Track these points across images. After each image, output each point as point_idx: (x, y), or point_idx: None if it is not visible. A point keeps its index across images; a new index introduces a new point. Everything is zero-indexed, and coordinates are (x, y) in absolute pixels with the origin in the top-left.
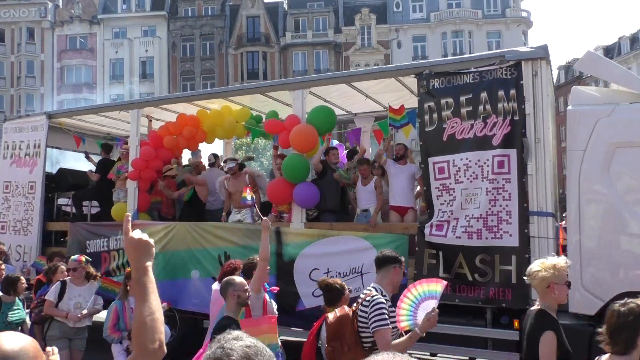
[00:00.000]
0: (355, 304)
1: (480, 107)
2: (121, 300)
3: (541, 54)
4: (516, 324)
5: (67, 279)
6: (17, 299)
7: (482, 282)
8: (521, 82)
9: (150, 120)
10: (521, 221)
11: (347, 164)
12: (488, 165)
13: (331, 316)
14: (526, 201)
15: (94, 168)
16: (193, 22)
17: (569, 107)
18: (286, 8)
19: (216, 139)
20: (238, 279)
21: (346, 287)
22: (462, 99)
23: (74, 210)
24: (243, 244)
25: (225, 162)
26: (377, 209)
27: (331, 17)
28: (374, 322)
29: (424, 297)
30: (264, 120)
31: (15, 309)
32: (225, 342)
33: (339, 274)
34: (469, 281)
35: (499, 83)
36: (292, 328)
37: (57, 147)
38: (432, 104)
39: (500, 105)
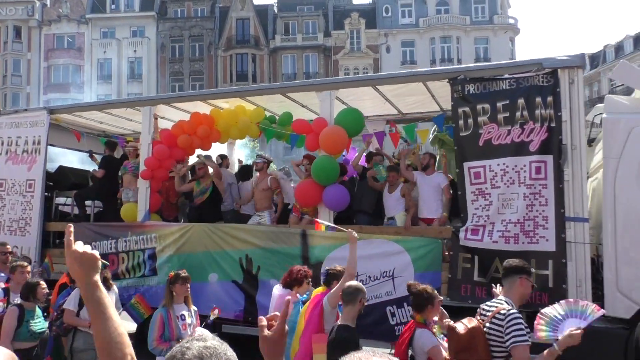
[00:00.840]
0: (478, 316)
1: (518, 114)
2: (166, 307)
3: (577, 63)
4: None
5: None
6: (36, 306)
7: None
8: (558, 89)
9: (155, 119)
10: (558, 226)
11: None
12: (525, 171)
13: (461, 327)
14: (563, 207)
15: (95, 167)
16: (182, 23)
17: (604, 116)
18: (276, 11)
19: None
20: (362, 286)
21: (437, 295)
22: (499, 104)
23: (75, 210)
24: (266, 246)
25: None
26: (410, 213)
27: (321, 21)
28: (513, 337)
29: (573, 314)
30: (276, 121)
31: (37, 318)
32: (187, 341)
33: (370, 277)
34: None
35: (536, 90)
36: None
37: (51, 144)
38: (467, 109)
39: (537, 112)
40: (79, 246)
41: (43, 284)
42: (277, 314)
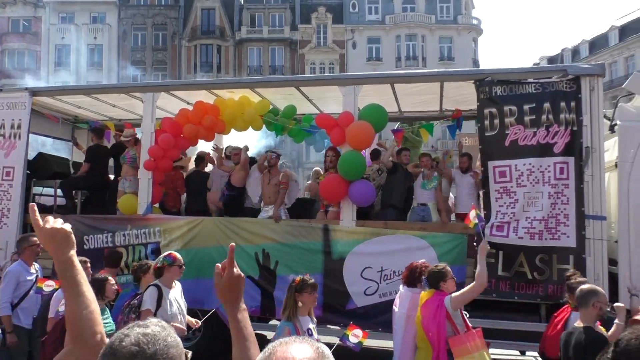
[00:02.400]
0: None
1: (544, 116)
2: (292, 321)
3: (598, 71)
4: None
5: (156, 281)
6: (105, 305)
7: (541, 280)
8: (580, 95)
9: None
10: (578, 224)
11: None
12: (550, 171)
13: None
14: (583, 205)
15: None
16: (145, 11)
17: (619, 123)
18: (242, 2)
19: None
20: (600, 289)
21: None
22: (526, 107)
23: (62, 202)
24: (284, 241)
25: (267, 152)
26: (444, 208)
27: (287, 14)
28: None
29: None
30: (279, 114)
31: (105, 318)
32: (128, 328)
33: (394, 272)
34: (528, 279)
35: (560, 95)
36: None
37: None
38: (494, 110)
39: (562, 116)
40: (49, 222)
41: (112, 280)
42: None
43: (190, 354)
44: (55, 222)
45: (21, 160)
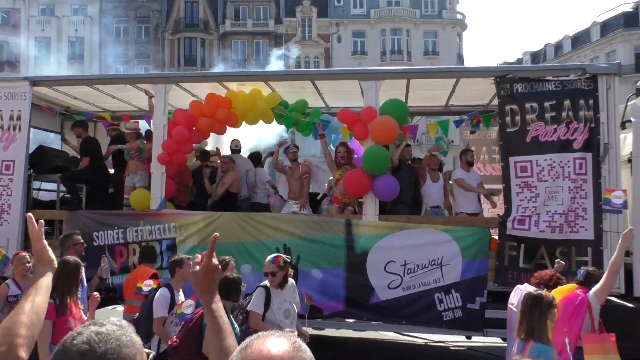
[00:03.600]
0: None
1: (564, 113)
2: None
3: (614, 70)
4: None
5: (265, 282)
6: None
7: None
8: (597, 93)
9: (150, 97)
10: (596, 217)
11: None
12: (569, 167)
13: None
14: (600, 199)
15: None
16: (127, 4)
17: (634, 120)
18: None
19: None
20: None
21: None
22: (546, 104)
23: (67, 196)
24: (306, 236)
25: (288, 147)
26: (452, 203)
27: (272, 7)
28: None
29: None
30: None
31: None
32: (84, 326)
33: (418, 266)
34: None
35: (579, 93)
36: (365, 321)
37: None
38: (515, 106)
39: (581, 113)
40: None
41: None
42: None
43: (152, 354)
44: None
45: (22, 153)
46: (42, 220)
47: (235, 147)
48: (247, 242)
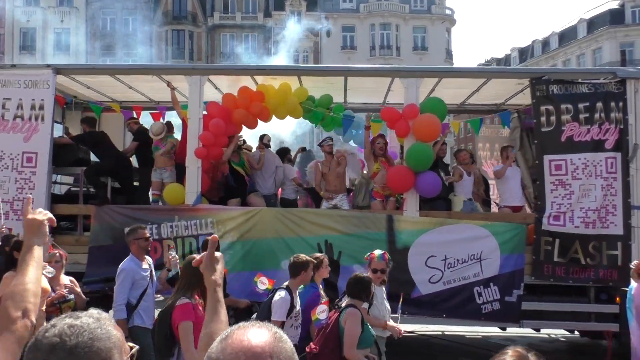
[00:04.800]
0: None
1: (596, 115)
2: None
3: None
4: (618, 299)
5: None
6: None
7: (593, 265)
8: (625, 96)
9: (173, 89)
10: (625, 213)
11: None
12: (601, 165)
13: None
14: (629, 196)
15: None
16: None
17: None
18: None
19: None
20: None
21: None
22: (580, 105)
23: (90, 190)
24: (348, 232)
25: (323, 140)
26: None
27: (261, 0)
28: None
29: None
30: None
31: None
32: (59, 318)
33: (457, 260)
34: (582, 265)
35: (611, 95)
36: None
37: None
38: (550, 107)
39: (612, 115)
40: (32, 214)
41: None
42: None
43: (136, 349)
44: (36, 213)
45: (46, 145)
46: (30, 196)
47: (267, 142)
48: (287, 237)
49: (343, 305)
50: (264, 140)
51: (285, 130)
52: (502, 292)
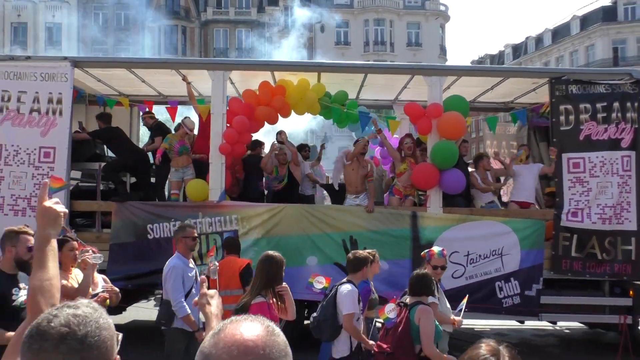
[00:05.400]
0: None
1: (613, 114)
2: None
3: None
4: (631, 292)
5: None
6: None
7: (608, 260)
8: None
9: (188, 83)
10: (638, 210)
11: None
12: (618, 163)
13: None
14: None
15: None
16: None
17: None
18: None
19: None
20: None
21: None
22: (598, 105)
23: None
24: (373, 228)
25: (358, 141)
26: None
27: None
28: None
29: None
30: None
31: None
32: (57, 308)
33: (480, 256)
34: (598, 259)
35: (627, 96)
36: None
37: None
38: (569, 106)
39: (628, 115)
40: (49, 202)
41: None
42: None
43: (121, 335)
44: (54, 204)
45: (64, 140)
46: (46, 181)
47: (285, 138)
48: (312, 234)
49: (408, 302)
50: (282, 136)
51: (289, 126)
52: (523, 286)
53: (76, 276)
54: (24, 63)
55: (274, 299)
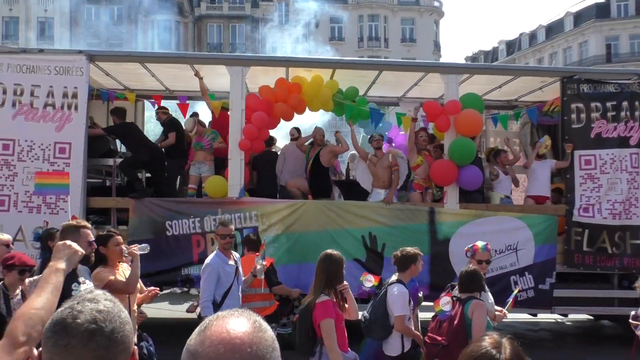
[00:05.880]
0: None
1: (622, 113)
2: None
3: None
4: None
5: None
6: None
7: (618, 254)
8: None
9: (201, 78)
10: None
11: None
12: (627, 160)
13: None
14: None
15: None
16: None
17: None
18: None
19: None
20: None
21: None
22: (608, 104)
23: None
24: (392, 224)
25: (372, 136)
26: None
27: None
28: None
29: None
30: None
31: None
32: (77, 302)
33: (495, 250)
34: (608, 253)
35: (636, 95)
36: None
37: None
38: (580, 105)
39: (636, 113)
40: (69, 241)
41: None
42: None
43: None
44: (72, 243)
45: (80, 135)
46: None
47: (293, 136)
48: (332, 230)
49: (460, 297)
50: (298, 134)
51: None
52: (537, 280)
53: (123, 271)
54: (37, 56)
55: (336, 298)
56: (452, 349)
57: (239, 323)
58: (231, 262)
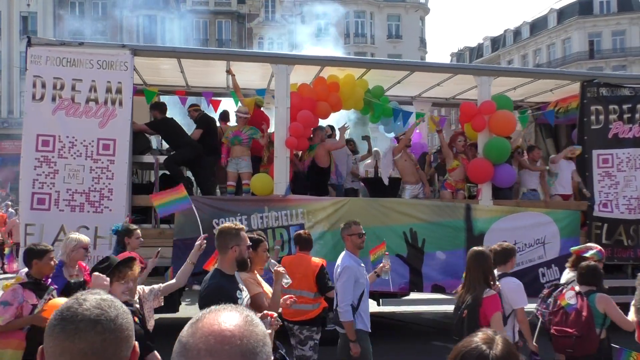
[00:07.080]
0: None
1: (637, 115)
2: None
3: None
4: None
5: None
6: None
7: (632, 246)
8: None
9: (233, 75)
10: None
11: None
12: None
13: None
14: None
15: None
16: None
17: None
18: None
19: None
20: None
21: None
22: (624, 107)
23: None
24: (431, 220)
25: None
26: (546, 189)
27: None
28: None
29: None
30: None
31: None
32: (80, 294)
33: (525, 244)
34: (624, 246)
35: None
36: None
37: None
38: (599, 107)
39: None
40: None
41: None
42: None
43: None
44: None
45: (125, 131)
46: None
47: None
48: (375, 226)
49: (578, 290)
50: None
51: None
52: (562, 272)
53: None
54: (77, 49)
55: None
56: (583, 339)
57: (230, 316)
58: (362, 264)
